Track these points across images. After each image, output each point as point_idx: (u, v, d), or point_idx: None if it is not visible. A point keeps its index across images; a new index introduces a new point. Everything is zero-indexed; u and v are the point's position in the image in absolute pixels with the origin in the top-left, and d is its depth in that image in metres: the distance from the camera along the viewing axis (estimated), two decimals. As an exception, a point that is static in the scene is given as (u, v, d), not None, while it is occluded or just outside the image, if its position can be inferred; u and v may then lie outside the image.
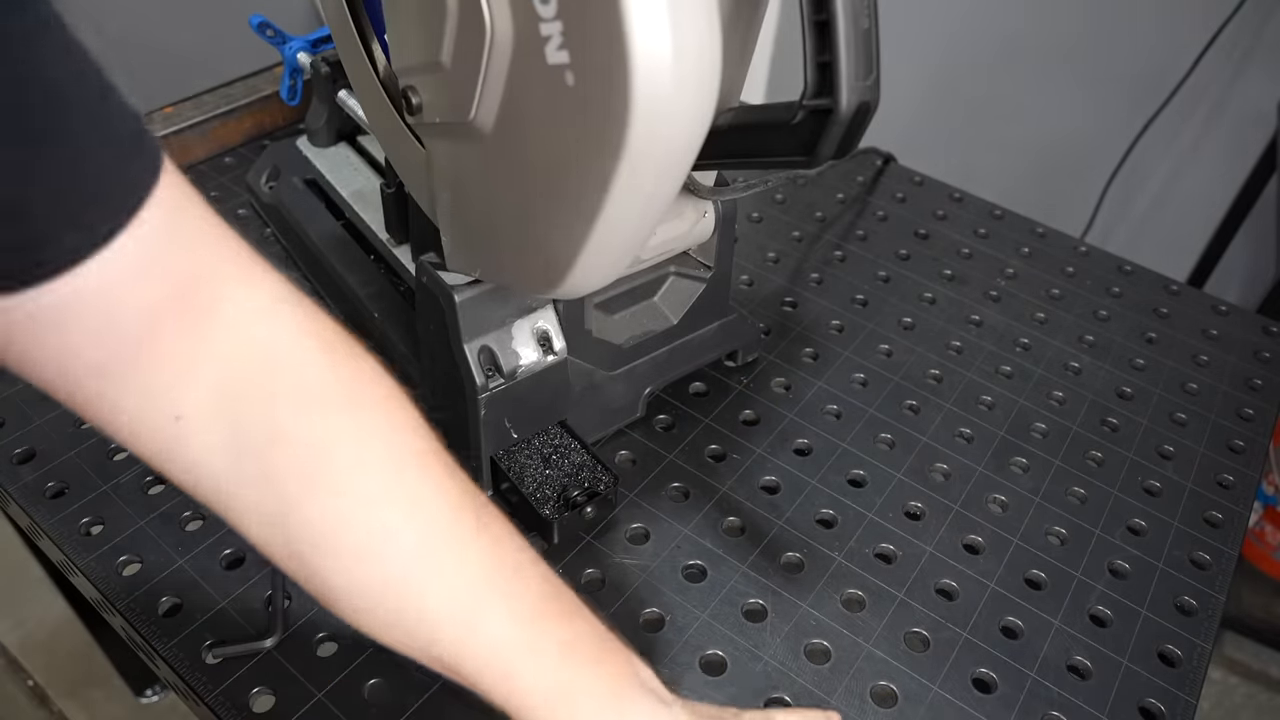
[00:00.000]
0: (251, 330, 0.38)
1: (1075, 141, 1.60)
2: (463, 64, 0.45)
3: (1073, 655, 0.60)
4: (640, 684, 0.43)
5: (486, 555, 0.40)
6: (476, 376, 0.61)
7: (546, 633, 0.41)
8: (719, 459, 0.71)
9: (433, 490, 0.40)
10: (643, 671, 0.44)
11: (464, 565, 0.40)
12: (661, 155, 0.40)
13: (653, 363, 0.72)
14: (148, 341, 0.36)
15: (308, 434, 0.38)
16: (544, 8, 0.39)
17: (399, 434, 0.40)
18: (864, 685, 0.58)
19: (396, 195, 0.69)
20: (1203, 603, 0.64)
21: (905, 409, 0.77)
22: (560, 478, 0.64)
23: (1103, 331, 0.86)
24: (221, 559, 0.62)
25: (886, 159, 1.06)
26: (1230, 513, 0.71)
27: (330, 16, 0.62)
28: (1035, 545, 0.67)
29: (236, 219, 0.91)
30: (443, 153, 0.53)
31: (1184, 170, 1.55)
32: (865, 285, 0.89)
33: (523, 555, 0.42)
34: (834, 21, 0.41)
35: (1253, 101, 1.43)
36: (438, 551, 0.39)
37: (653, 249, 0.66)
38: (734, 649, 0.59)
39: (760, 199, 0.99)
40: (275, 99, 1.01)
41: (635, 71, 0.37)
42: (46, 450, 0.68)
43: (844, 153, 0.46)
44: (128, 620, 0.58)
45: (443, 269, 0.60)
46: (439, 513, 0.40)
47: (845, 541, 0.66)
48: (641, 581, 0.62)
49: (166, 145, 0.95)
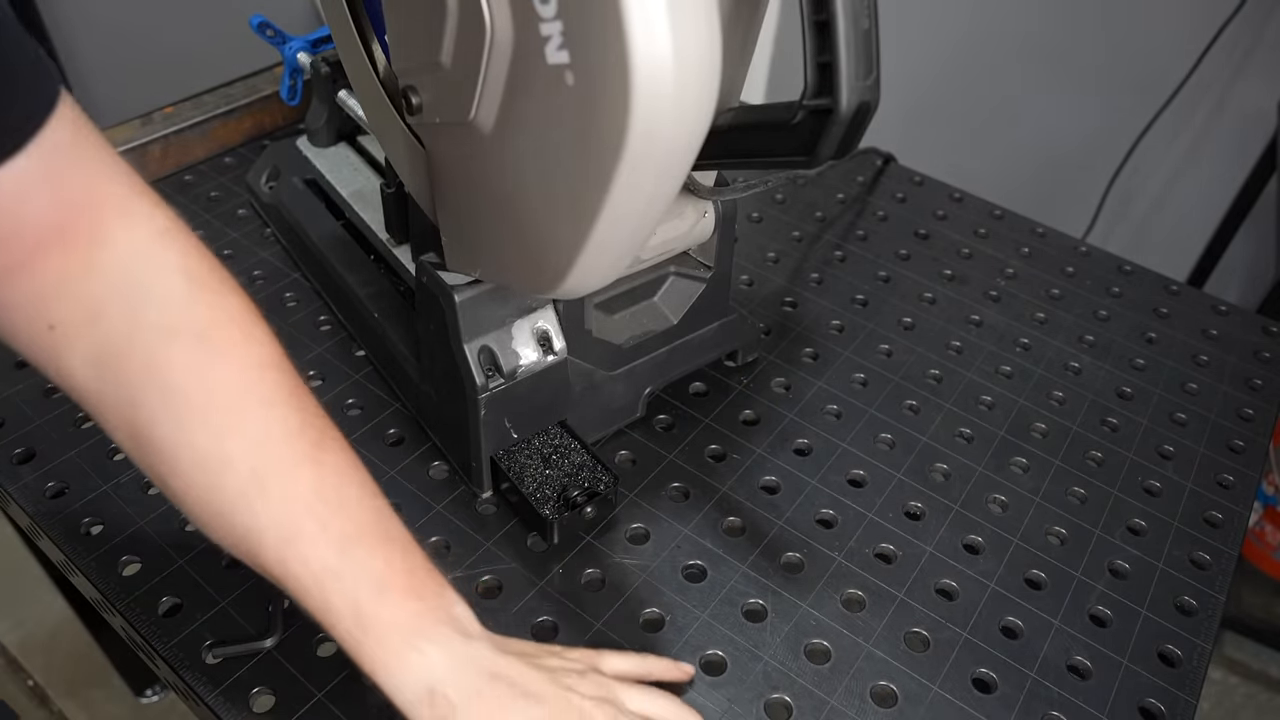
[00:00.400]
0: (128, 260, 0.42)
1: (1076, 141, 1.60)
2: (463, 64, 0.45)
3: (1073, 655, 0.60)
4: (448, 617, 0.46)
5: (313, 487, 0.44)
6: (476, 376, 0.61)
7: (359, 561, 0.44)
8: (719, 459, 0.71)
9: (272, 425, 0.44)
10: (455, 607, 0.47)
11: (290, 495, 0.43)
12: (661, 155, 0.40)
13: (653, 363, 0.72)
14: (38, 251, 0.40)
15: (163, 364, 0.42)
16: (544, 8, 0.39)
17: (248, 370, 0.44)
18: (864, 685, 0.58)
19: (396, 195, 0.69)
20: (1203, 603, 0.64)
21: (905, 409, 0.77)
22: (560, 478, 0.64)
23: (1103, 331, 0.86)
24: (222, 559, 0.62)
25: (886, 159, 1.06)
26: (1230, 513, 0.71)
27: (330, 16, 0.62)
28: (1035, 545, 0.67)
29: (236, 219, 0.91)
30: (443, 153, 0.53)
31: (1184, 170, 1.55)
32: (865, 285, 0.89)
33: (351, 489, 0.45)
34: (834, 21, 0.41)
35: (1253, 101, 1.43)
36: (268, 481, 0.43)
37: (653, 249, 0.66)
38: (734, 649, 0.59)
39: (760, 199, 0.99)
40: (275, 99, 1.01)
41: (635, 72, 0.37)
42: (46, 450, 0.68)
43: (844, 153, 0.46)
44: (128, 620, 0.58)
45: (443, 269, 0.60)
46: (275, 447, 0.43)
47: (845, 541, 0.66)
48: (641, 581, 0.62)
49: (166, 145, 0.95)
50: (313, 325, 0.80)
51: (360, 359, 0.77)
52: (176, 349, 0.43)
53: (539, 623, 0.59)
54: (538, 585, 0.62)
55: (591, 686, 0.49)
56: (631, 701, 0.50)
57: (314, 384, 0.74)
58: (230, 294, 0.45)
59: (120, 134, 0.93)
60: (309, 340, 0.78)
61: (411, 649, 0.44)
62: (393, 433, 0.71)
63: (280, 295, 0.83)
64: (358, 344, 0.78)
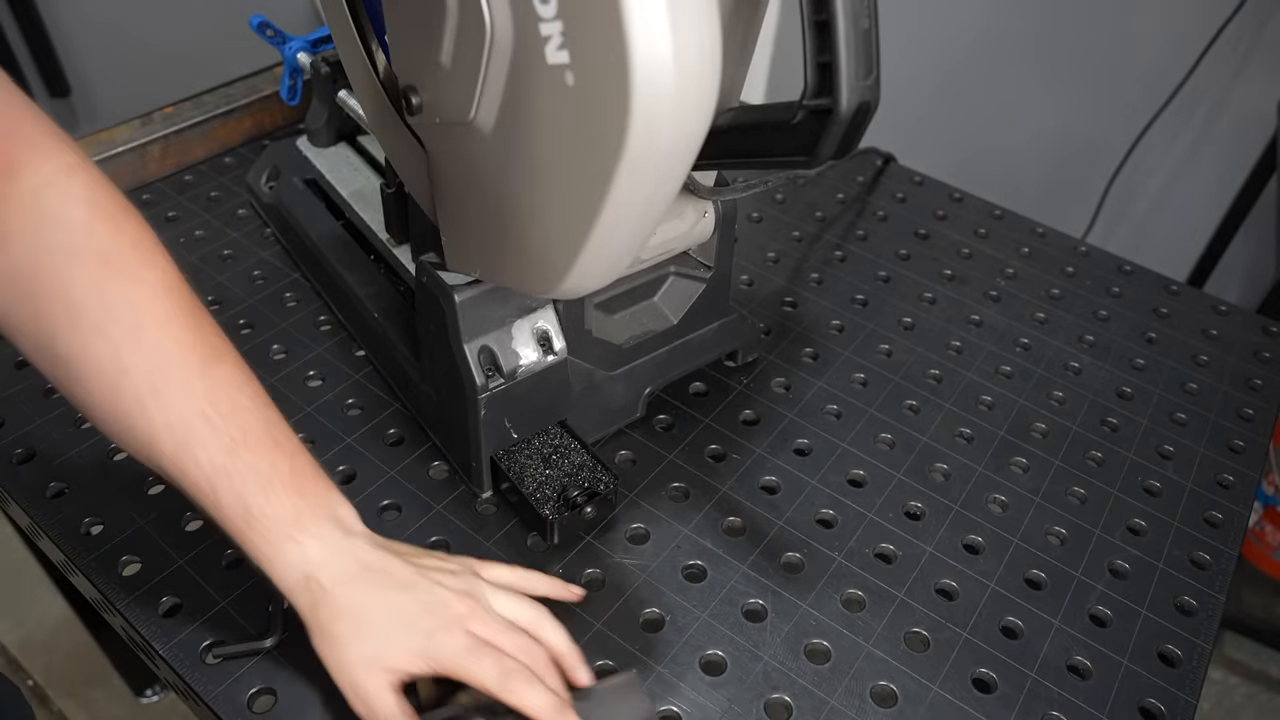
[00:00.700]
0: (36, 191, 0.46)
1: (1076, 141, 1.60)
2: (463, 64, 0.45)
3: (1073, 655, 0.60)
4: (329, 515, 0.50)
5: (205, 396, 0.48)
6: (476, 376, 0.61)
7: (246, 463, 0.48)
8: (719, 459, 0.71)
9: (167, 341, 0.48)
10: (339, 508, 0.51)
11: (183, 403, 0.47)
12: (661, 155, 0.40)
13: (653, 363, 0.72)
14: None
15: (66, 282, 0.46)
16: (544, 8, 0.39)
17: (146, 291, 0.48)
18: (864, 685, 0.58)
19: (396, 195, 0.69)
20: (1203, 603, 0.64)
21: (905, 409, 0.77)
22: (560, 478, 0.64)
23: (1103, 331, 0.86)
24: (222, 559, 0.62)
25: (886, 159, 1.06)
26: (1230, 513, 0.71)
27: (330, 17, 0.62)
28: (1035, 545, 0.67)
29: (236, 219, 0.91)
30: (443, 153, 0.53)
31: (1184, 170, 1.55)
32: (865, 285, 0.89)
33: (243, 400, 0.49)
34: (834, 21, 0.41)
35: (1253, 101, 1.43)
36: (163, 390, 0.47)
37: (653, 249, 0.66)
38: (734, 649, 0.59)
39: (760, 199, 0.99)
40: (275, 99, 1.01)
41: (635, 71, 0.37)
42: (46, 450, 0.68)
43: (844, 153, 0.46)
44: (128, 620, 0.58)
45: (443, 269, 0.60)
46: (169, 360, 0.48)
47: (845, 541, 0.66)
48: (641, 581, 0.62)
49: (166, 145, 0.95)
50: (313, 325, 0.80)
51: (360, 359, 0.77)
52: (79, 269, 0.46)
53: (539, 623, 0.59)
54: (538, 585, 0.62)
55: (458, 582, 0.52)
56: (497, 603, 0.52)
57: (314, 384, 0.74)
58: (131, 223, 0.49)
59: (120, 134, 0.93)
60: (309, 340, 0.78)
61: (291, 541, 0.49)
62: (393, 433, 0.71)
63: (280, 295, 0.83)
64: (358, 344, 0.78)
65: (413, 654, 0.48)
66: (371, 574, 0.49)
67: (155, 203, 0.92)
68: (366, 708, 0.49)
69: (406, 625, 0.49)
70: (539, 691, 0.49)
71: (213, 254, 0.86)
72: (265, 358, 0.76)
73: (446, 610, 0.50)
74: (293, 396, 0.73)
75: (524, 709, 0.48)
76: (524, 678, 0.49)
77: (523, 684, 0.48)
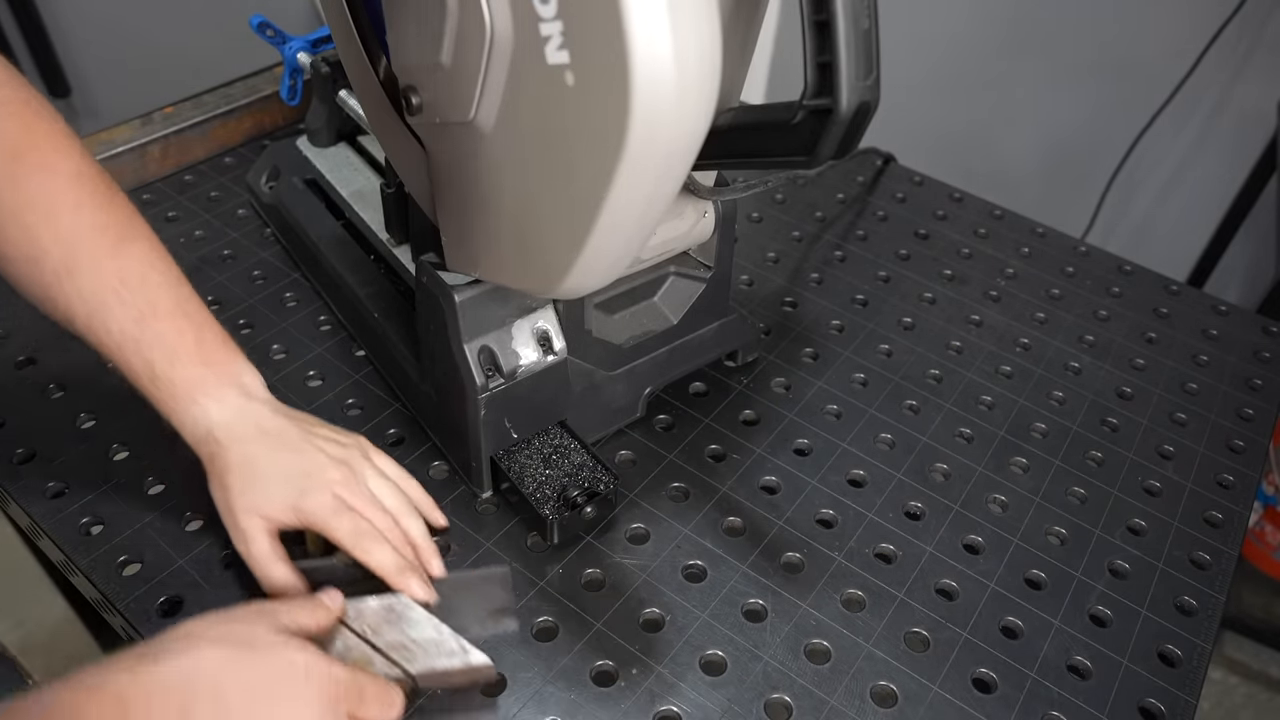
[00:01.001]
0: None
1: (1075, 141, 1.60)
2: (463, 64, 0.45)
3: (1073, 655, 0.60)
4: (233, 382, 0.56)
5: (117, 273, 0.54)
6: (476, 376, 0.61)
7: (155, 332, 0.54)
8: (719, 459, 0.71)
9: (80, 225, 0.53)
10: (244, 375, 0.57)
11: (95, 280, 0.53)
12: (661, 155, 0.40)
13: (653, 363, 0.72)
14: None
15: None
16: (544, 8, 0.39)
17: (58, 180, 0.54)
18: (864, 685, 0.58)
19: (396, 195, 0.69)
20: (1203, 603, 0.64)
21: (905, 409, 0.77)
22: (560, 478, 0.64)
23: (1103, 331, 0.86)
24: (221, 559, 0.62)
25: (886, 159, 1.06)
26: (1230, 513, 0.71)
27: (330, 17, 0.62)
28: (1035, 545, 0.67)
29: (236, 219, 0.91)
30: (443, 153, 0.53)
31: (1184, 170, 1.55)
32: (865, 285, 0.89)
33: (154, 276, 0.55)
34: (834, 21, 0.41)
35: (1253, 101, 1.43)
36: (76, 269, 0.53)
37: (653, 249, 0.66)
38: (734, 649, 0.59)
39: (760, 199, 0.99)
40: (275, 99, 1.01)
41: (635, 71, 0.37)
42: (46, 450, 0.68)
43: (844, 153, 0.46)
44: (128, 620, 0.58)
45: (443, 269, 0.60)
46: (82, 242, 0.53)
47: (845, 541, 0.66)
48: (641, 581, 0.62)
49: (166, 145, 0.95)
50: (313, 325, 0.80)
51: (360, 359, 0.77)
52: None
53: (539, 622, 0.59)
54: (538, 585, 0.62)
55: (341, 452, 0.58)
56: (371, 483, 0.57)
57: (314, 384, 0.74)
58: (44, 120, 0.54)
59: (120, 134, 0.93)
60: (309, 340, 0.78)
61: (194, 403, 0.55)
62: (393, 433, 0.71)
63: (280, 295, 0.83)
64: (358, 344, 0.78)
65: (286, 507, 0.54)
66: (265, 436, 0.56)
67: (155, 203, 0.92)
68: (244, 546, 0.55)
69: (285, 482, 0.55)
70: (388, 551, 0.54)
71: (213, 254, 0.86)
72: (265, 358, 0.76)
73: (323, 474, 0.55)
74: (293, 396, 0.73)
75: (371, 565, 0.54)
76: (376, 538, 0.55)
77: (374, 542, 0.54)
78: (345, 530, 0.54)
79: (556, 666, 0.57)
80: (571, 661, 0.58)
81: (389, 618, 0.53)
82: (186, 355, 0.55)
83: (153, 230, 0.57)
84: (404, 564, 0.54)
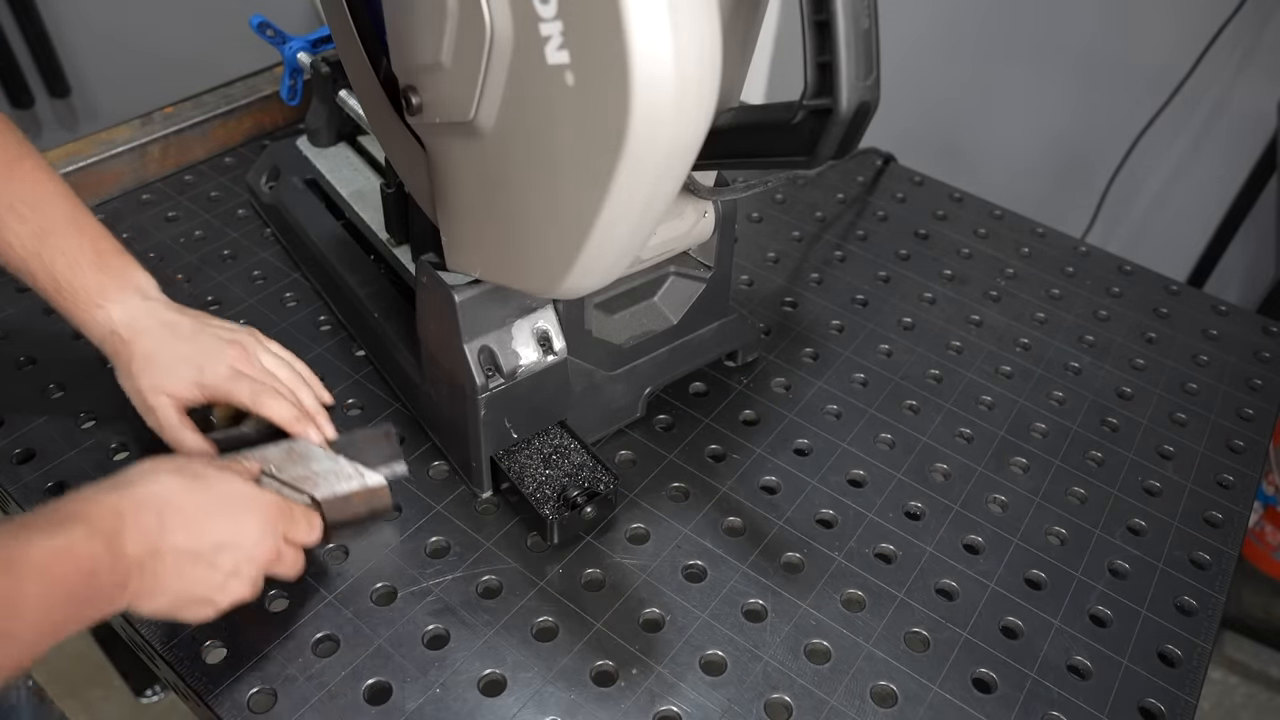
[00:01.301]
0: None
1: (1075, 141, 1.60)
2: (463, 64, 0.45)
3: (1073, 655, 0.60)
4: (131, 285, 0.61)
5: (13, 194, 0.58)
6: (476, 376, 0.61)
7: (54, 246, 0.59)
8: (719, 459, 0.71)
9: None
10: (139, 278, 0.62)
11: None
12: (661, 155, 0.40)
13: (653, 363, 0.72)
14: None
15: None
16: (544, 8, 0.39)
17: None
18: (864, 685, 0.58)
19: (396, 195, 0.69)
20: (1203, 603, 0.64)
21: (905, 409, 0.77)
22: (560, 478, 0.64)
23: (1103, 331, 0.86)
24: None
25: (886, 159, 1.06)
26: (1230, 513, 0.71)
27: (330, 16, 0.62)
28: (1035, 545, 0.67)
29: (236, 219, 0.91)
30: (443, 153, 0.53)
31: (1184, 170, 1.55)
32: (865, 285, 0.89)
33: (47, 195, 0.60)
34: (834, 21, 0.41)
35: (1253, 101, 1.43)
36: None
37: (653, 249, 0.66)
38: (734, 649, 0.59)
39: (760, 199, 0.99)
40: (275, 99, 1.01)
41: (635, 71, 0.37)
42: (46, 450, 0.68)
43: (844, 153, 0.46)
44: (128, 620, 0.58)
45: (443, 269, 0.60)
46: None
47: (845, 541, 0.66)
48: (641, 581, 0.62)
49: (166, 145, 0.95)
50: (313, 325, 0.80)
51: (360, 359, 0.77)
52: None
53: (539, 623, 0.59)
54: (538, 585, 0.62)
55: (234, 335, 0.63)
56: (263, 357, 0.64)
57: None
58: None
59: (120, 134, 0.93)
60: (309, 340, 0.78)
61: (97, 307, 0.60)
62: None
63: (280, 295, 0.83)
64: (358, 344, 0.78)
65: (189, 383, 0.60)
66: (165, 328, 0.61)
67: (155, 203, 0.92)
68: (156, 422, 0.61)
69: (186, 363, 0.61)
70: (285, 403, 0.61)
71: (213, 254, 0.86)
72: (265, 358, 0.76)
73: (219, 353, 0.62)
74: (293, 396, 0.73)
75: (272, 417, 0.61)
76: (273, 394, 0.61)
77: (271, 398, 0.61)
78: (245, 391, 0.61)
79: (556, 666, 0.57)
80: (571, 661, 0.58)
81: (291, 457, 0.61)
82: (87, 264, 0.60)
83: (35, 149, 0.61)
84: (300, 413, 0.62)
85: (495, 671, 0.57)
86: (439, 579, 0.61)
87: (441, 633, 0.59)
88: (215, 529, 0.51)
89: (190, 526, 0.50)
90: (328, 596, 0.60)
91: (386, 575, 0.61)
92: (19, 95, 1.51)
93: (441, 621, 0.59)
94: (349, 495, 0.60)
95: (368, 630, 0.58)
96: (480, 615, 0.60)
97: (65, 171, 0.89)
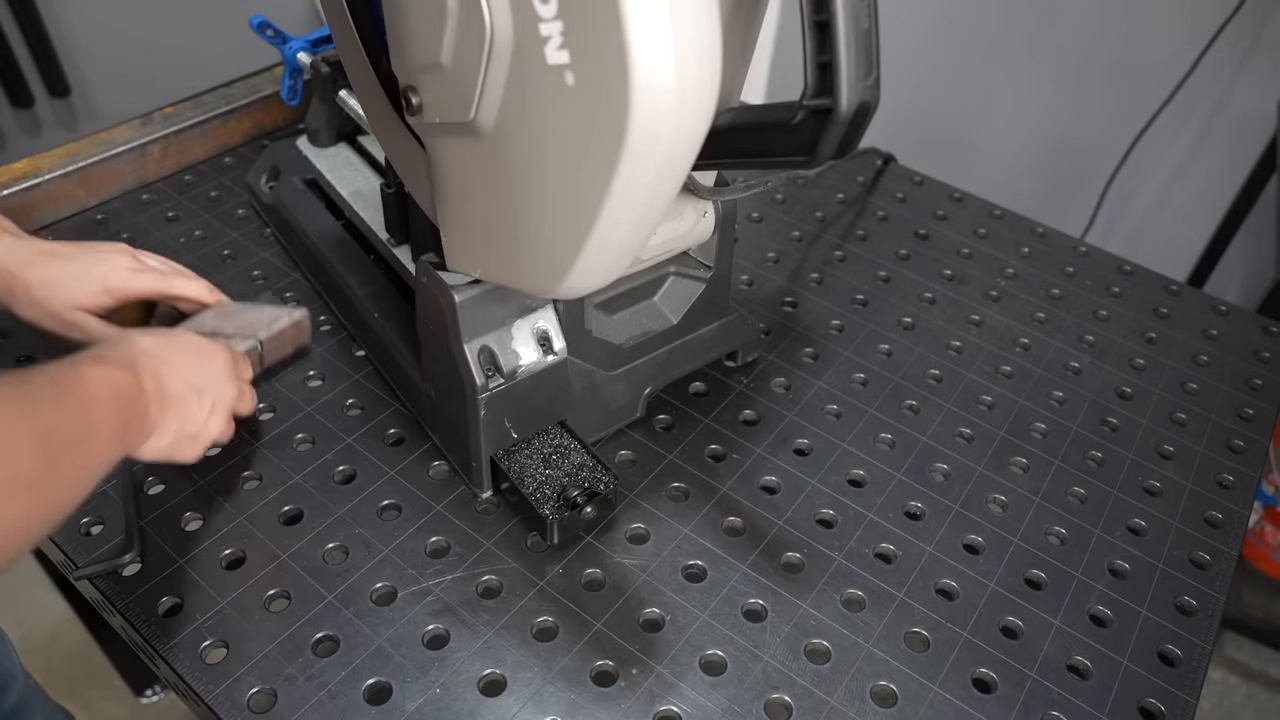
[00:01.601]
0: None
1: (1075, 141, 1.60)
2: (463, 64, 0.45)
3: (1073, 655, 0.60)
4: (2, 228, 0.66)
5: None
6: (476, 376, 0.61)
7: None
8: (719, 459, 0.71)
9: None
10: (7, 222, 0.67)
11: None
12: (661, 155, 0.40)
13: (653, 363, 0.72)
14: None
15: None
16: (544, 8, 0.39)
17: None
18: (864, 685, 0.58)
19: (396, 195, 0.69)
20: (1203, 603, 0.64)
21: (905, 409, 0.77)
22: (560, 478, 0.64)
23: (1103, 331, 0.86)
24: (221, 559, 0.62)
25: (886, 159, 1.06)
26: (1230, 513, 0.71)
27: (330, 16, 0.62)
28: (1035, 545, 0.67)
29: (236, 219, 0.91)
30: (443, 153, 0.53)
31: (1184, 170, 1.55)
32: (865, 285, 0.89)
33: None
34: (834, 21, 0.41)
35: (1253, 101, 1.43)
36: None
37: (653, 249, 0.66)
38: (734, 649, 0.59)
39: (760, 199, 0.99)
40: (275, 99, 1.01)
41: (635, 71, 0.37)
42: (46, 450, 0.68)
43: (844, 153, 0.46)
44: (128, 620, 0.58)
45: (443, 269, 0.60)
46: None
47: (845, 541, 0.66)
48: (641, 581, 0.62)
49: (166, 145, 0.95)
50: (313, 325, 0.80)
51: (360, 359, 0.77)
52: None
53: (539, 623, 0.59)
54: (538, 585, 0.62)
55: (115, 246, 0.69)
56: (147, 258, 0.70)
57: (314, 384, 0.74)
58: None
59: (120, 134, 0.93)
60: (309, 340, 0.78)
61: None
62: (393, 433, 0.71)
63: (280, 295, 0.83)
64: (358, 344, 0.78)
65: (97, 292, 0.65)
66: (47, 255, 0.66)
67: (155, 203, 0.92)
68: (81, 331, 0.65)
69: (84, 277, 0.65)
70: (195, 280, 0.70)
71: (213, 254, 0.86)
72: (265, 358, 0.76)
73: (111, 260, 0.67)
74: (293, 396, 0.73)
75: (186, 293, 0.69)
76: (178, 275, 0.69)
77: (179, 278, 0.69)
78: (152, 282, 0.67)
79: (556, 666, 0.57)
80: (571, 661, 0.58)
81: (223, 315, 0.70)
82: None
83: None
84: (209, 285, 0.70)
85: (495, 671, 0.57)
86: (439, 579, 0.61)
87: (441, 633, 0.59)
88: (194, 373, 0.59)
89: (177, 371, 0.57)
90: (328, 596, 0.60)
91: (386, 575, 0.61)
92: (19, 95, 1.51)
93: (441, 621, 0.59)
94: (283, 331, 0.71)
95: (368, 630, 0.58)
96: (480, 615, 0.60)
97: (65, 171, 0.89)
